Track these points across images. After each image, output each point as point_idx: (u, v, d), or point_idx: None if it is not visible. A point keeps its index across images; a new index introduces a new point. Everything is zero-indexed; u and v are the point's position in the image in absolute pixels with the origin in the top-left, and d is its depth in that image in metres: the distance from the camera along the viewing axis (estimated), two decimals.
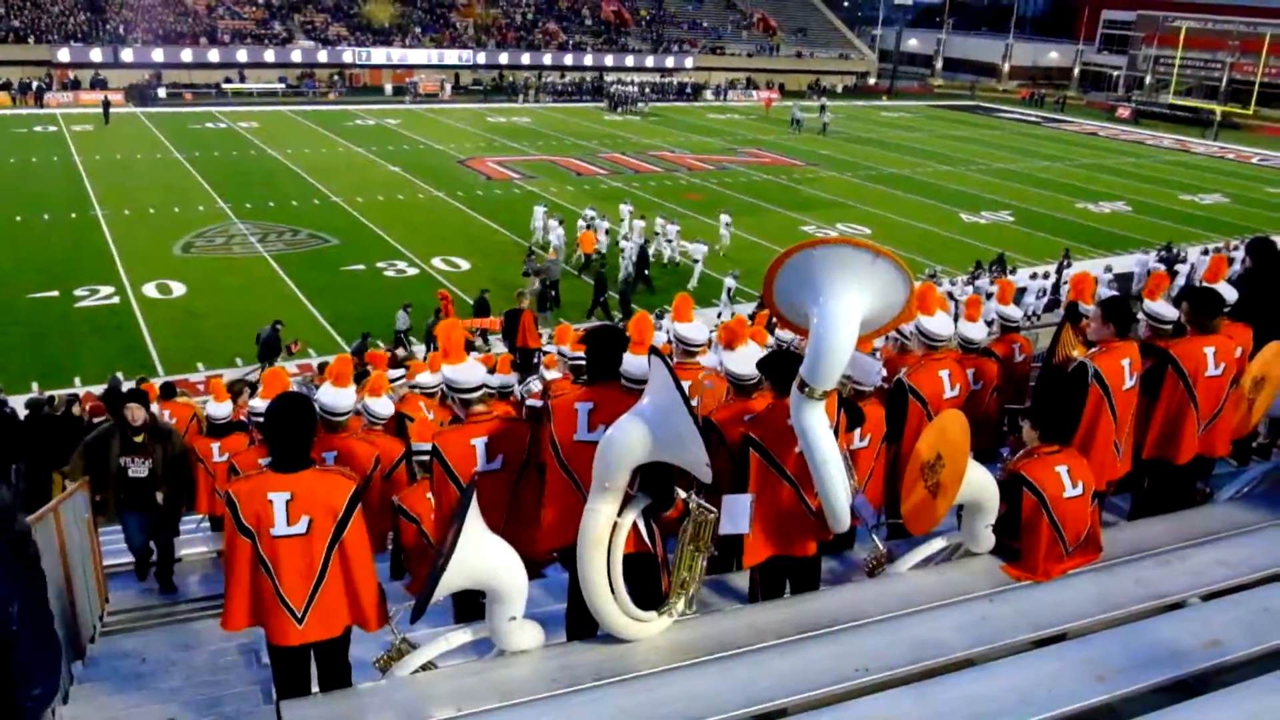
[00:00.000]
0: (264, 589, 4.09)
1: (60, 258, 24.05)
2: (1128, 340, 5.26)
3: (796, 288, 3.99)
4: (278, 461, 4.12)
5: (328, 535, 4.08)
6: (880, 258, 3.85)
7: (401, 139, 43.66)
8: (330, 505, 4.08)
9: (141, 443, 7.61)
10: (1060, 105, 71.42)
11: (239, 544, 4.06)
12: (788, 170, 40.34)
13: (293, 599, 4.08)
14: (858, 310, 3.89)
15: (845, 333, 3.89)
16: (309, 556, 4.07)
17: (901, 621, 4.37)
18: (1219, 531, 5.23)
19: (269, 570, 4.05)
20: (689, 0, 76.95)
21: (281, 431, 4.12)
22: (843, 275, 3.85)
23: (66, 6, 54.56)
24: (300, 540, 4.05)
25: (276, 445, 4.14)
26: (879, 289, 3.90)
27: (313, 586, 4.09)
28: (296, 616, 4.10)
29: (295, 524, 4.03)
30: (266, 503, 4.02)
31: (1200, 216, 35.38)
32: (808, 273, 3.91)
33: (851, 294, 3.86)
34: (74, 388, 16.17)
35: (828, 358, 3.91)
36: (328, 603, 4.14)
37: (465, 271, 24.56)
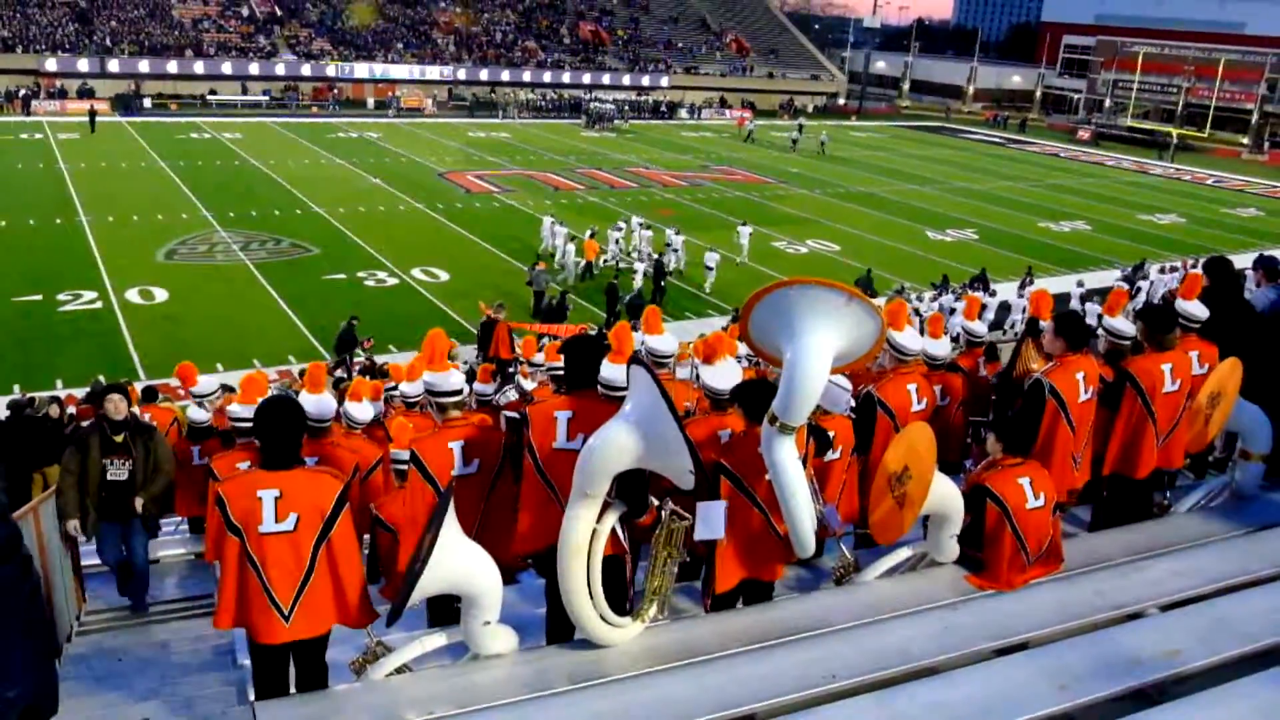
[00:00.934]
0: (251, 586, 4.13)
1: (44, 263, 24.00)
2: (1083, 354, 5.39)
3: (772, 323, 4.08)
4: (268, 460, 4.18)
5: (315, 533, 4.14)
6: (854, 299, 3.97)
7: (383, 152, 43.71)
8: (318, 504, 4.16)
9: (122, 442, 7.22)
10: (1022, 127, 72.54)
11: (228, 542, 4.12)
12: (760, 187, 40.69)
13: (280, 596, 4.13)
14: (830, 348, 3.99)
15: (817, 370, 3.98)
16: (297, 554, 4.13)
17: (868, 629, 4.44)
18: (1177, 543, 5.33)
19: (257, 568, 4.11)
20: (665, 21, 77.52)
21: (273, 430, 4.19)
22: (817, 314, 3.94)
23: (55, 17, 54.37)
24: (288, 537, 4.11)
25: (267, 444, 4.21)
26: (850, 328, 4.00)
27: (300, 584, 4.15)
28: (283, 614, 4.14)
29: (283, 521, 4.10)
30: (255, 500, 4.09)
31: (1158, 236, 36.07)
32: (783, 310, 4.00)
33: (824, 333, 3.95)
34: (55, 390, 16.11)
35: (800, 394, 4.00)
36: (314, 601, 4.19)
37: (444, 282, 24.61)
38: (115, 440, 7.18)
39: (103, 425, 7.19)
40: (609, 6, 76.23)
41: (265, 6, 62.34)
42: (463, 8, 68.63)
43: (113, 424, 7.14)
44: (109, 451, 7.15)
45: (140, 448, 7.19)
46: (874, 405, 5.67)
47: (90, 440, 7.16)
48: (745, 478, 4.55)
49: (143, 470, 7.21)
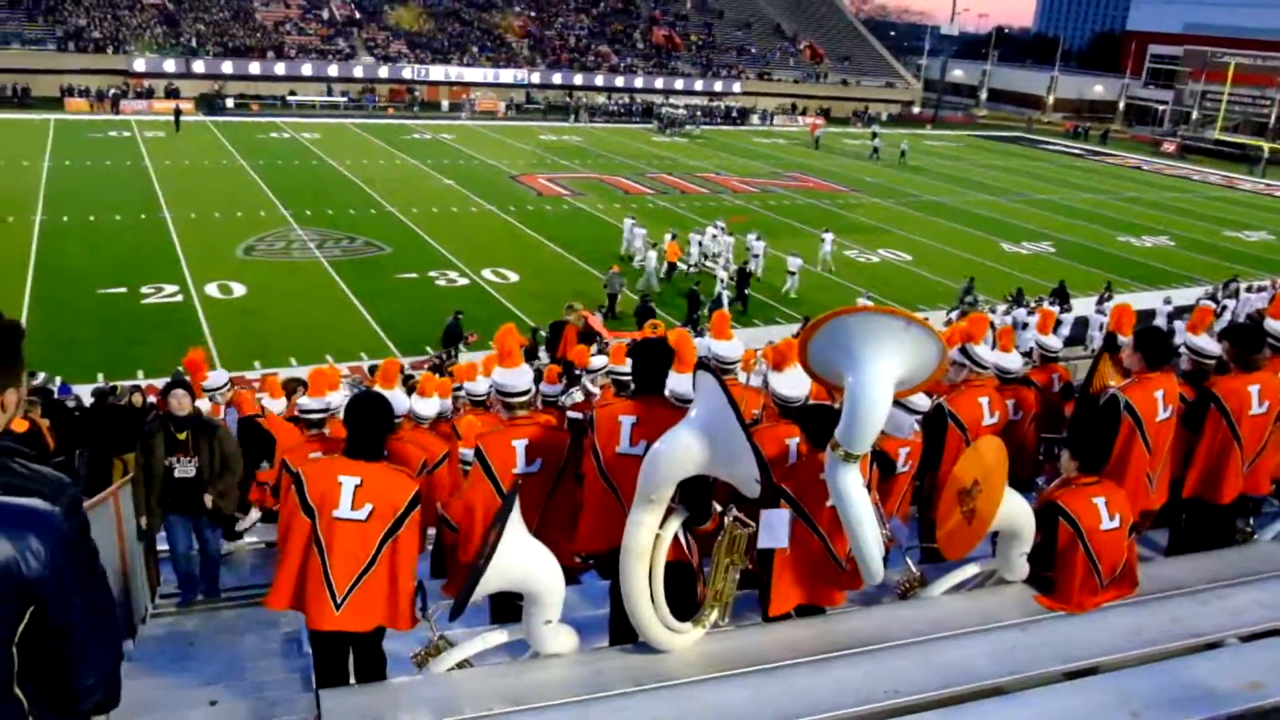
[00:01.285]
0: (312, 569, 4.21)
1: (129, 256, 24.80)
2: (1164, 372, 5.23)
3: (831, 352, 4.03)
4: (353, 449, 4.27)
5: (384, 527, 4.21)
6: (911, 324, 3.91)
7: (456, 154, 44.28)
8: (393, 500, 4.23)
9: (185, 440, 7.11)
10: (1105, 138, 70.80)
11: (298, 522, 4.20)
12: (831, 195, 40.36)
13: (338, 582, 4.19)
14: (892, 375, 3.92)
15: (880, 398, 3.92)
16: (364, 544, 4.20)
17: (933, 645, 4.35)
18: (1261, 572, 5.14)
19: (322, 550, 4.18)
20: (738, 27, 77.34)
21: (363, 422, 4.28)
22: (877, 342, 3.88)
23: (144, 19, 56.13)
24: (358, 526, 4.19)
25: (356, 433, 4.29)
26: (911, 354, 3.93)
27: (359, 573, 4.21)
28: (335, 601, 4.20)
29: (358, 509, 4.18)
30: (335, 484, 4.18)
31: (1246, 254, 34.87)
32: (843, 339, 3.94)
33: (885, 359, 3.88)
34: (137, 380, 16.61)
35: (863, 423, 3.94)
36: (367, 594, 4.24)
37: (514, 283, 24.85)
38: (179, 438, 7.12)
39: (166, 423, 7.12)
40: (683, 11, 76.34)
41: (345, 10, 63.63)
42: (535, 10, 69.25)
43: (176, 421, 7.08)
44: (174, 449, 7.09)
45: (205, 445, 7.12)
46: (945, 417, 5.58)
47: (154, 439, 7.08)
48: (806, 503, 4.49)
49: (209, 468, 7.15)
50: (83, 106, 48.90)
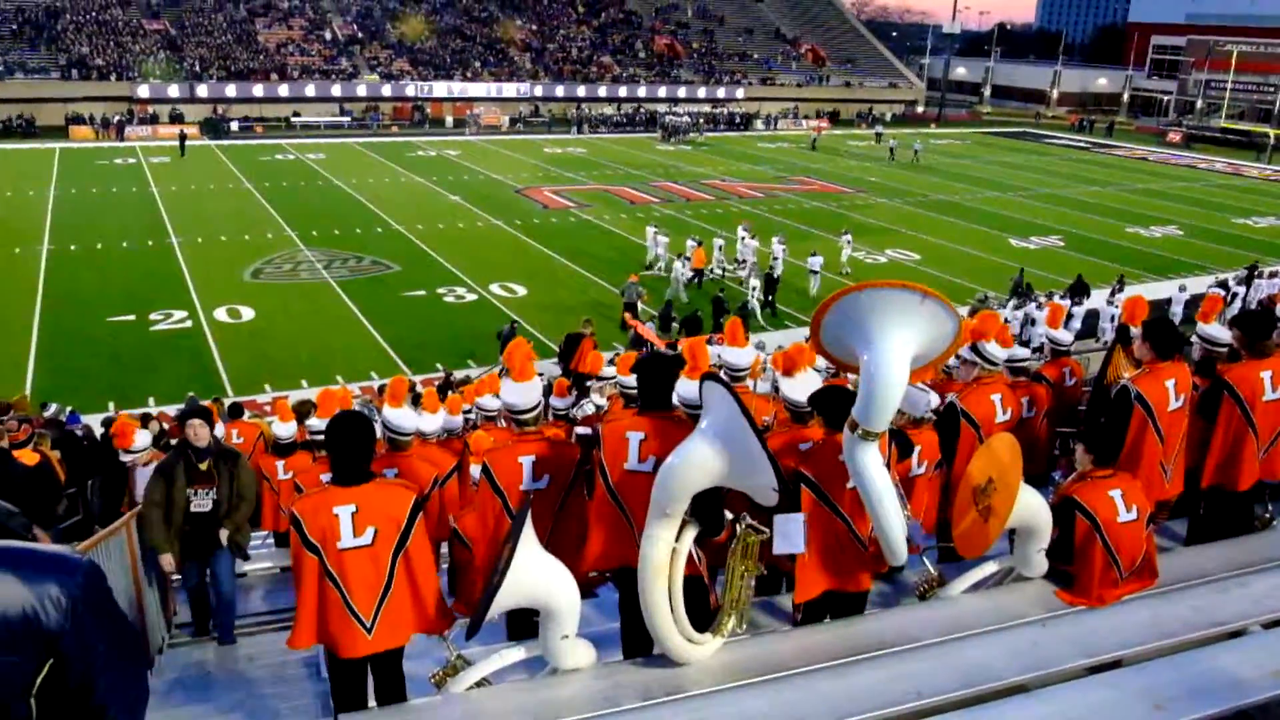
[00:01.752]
0: (332, 602, 4.17)
1: (137, 283, 24.88)
2: (1175, 361, 5.20)
3: (846, 329, 4.00)
4: (339, 476, 4.22)
5: (392, 545, 4.19)
6: (928, 298, 3.87)
7: (461, 169, 44.42)
8: (393, 516, 4.19)
9: (207, 470, 6.83)
10: (1110, 130, 70.65)
11: (306, 560, 4.16)
12: (837, 197, 40.35)
13: (362, 610, 4.17)
14: (908, 350, 3.90)
15: (897, 373, 3.89)
16: (376, 567, 4.17)
17: (953, 646, 4.32)
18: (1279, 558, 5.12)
19: (337, 583, 4.15)
20: (739, 33, 77.43)
21: (342, 446, 4.23)
22: (892, 316, 3.85)
23: (147, 45, 56.54)
24: (367, 551, 4.15)
25: (338, 460, 4.25)
26: (927, 327, 3.91)
27: (380, 596, 4.19)
28: (366, 627, 4.19)
29: (361, 535, 4.14)
30: (332, 517, 4.12)
31: (1255, 240, 34.75)
32: (857, 315, 3.92)
33: (901, 334, 3.86)
34: (148, 408, 16.65)
35: (880, 399, 3.91)
36: (395, 611, 4.23)
37: (522, 297, 24.87)
38: (200, 468, 6.83)
39: (187, 453, 6.83)
40: (683, 20, 76.49)
41: (347, 29, 63.99)
42: (536, 23, 69.52)
43: (197, 451, 6.80)
44: (194, 480, 6.80)
45: (224, 475, 6.86)
46: (957, 416, 5.55)
47: (175, 470, 6.79)
48: (827, 487, 4.47)
49: (227, 499, 6.88)
50: (88, 134, 49.27)
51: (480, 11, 69.85)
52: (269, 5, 63.70)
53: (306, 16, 64.10)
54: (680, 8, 77.59)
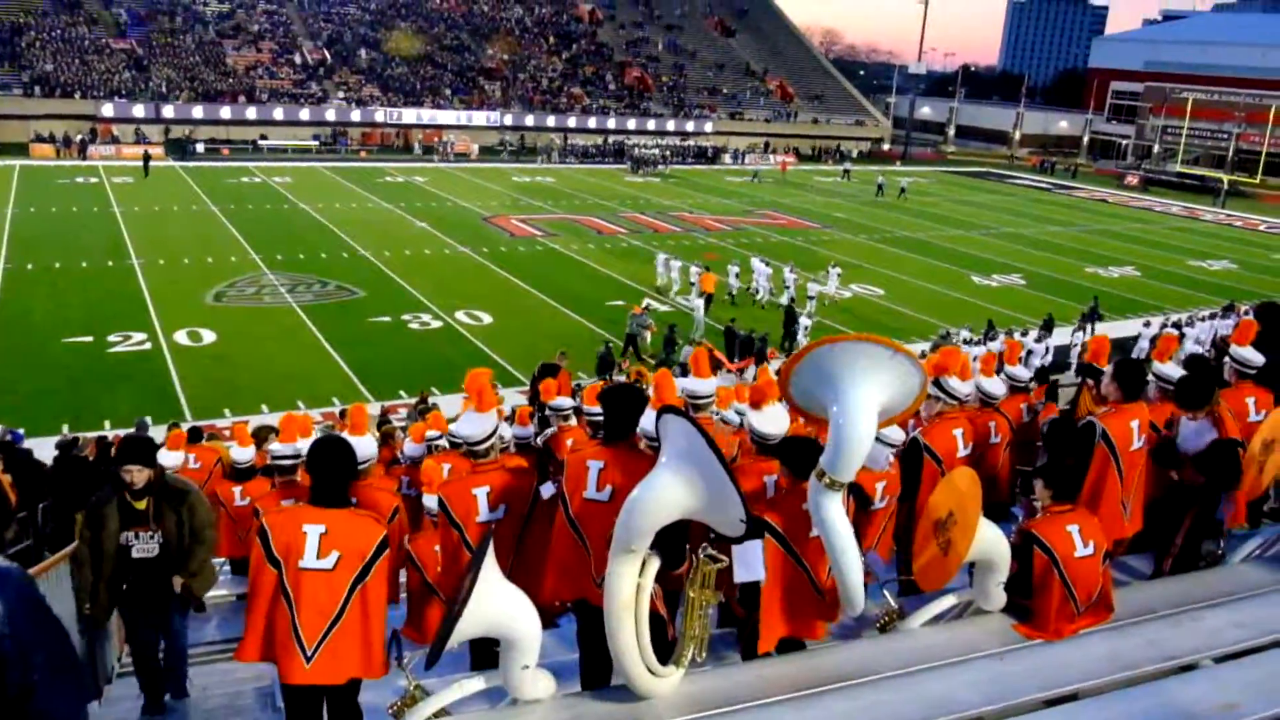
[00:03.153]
0: (280, 621, 4.14)
1: (96, 304, 24.56)
2: (1138, 402, 5.30)
3: (815, 381, 4.04)
4: (317, 496, 4.23)
5: (352, 574, 4.17)
6: (898, 353, 3.94)
7: (429, 196, 44.40)
8: (359, 546, 4.19)
9: (145, 510, 5.70)
10: (1074, 174, 72.04)
11: (265, 574, 4.13)
12: (804, 232, 40.79)
13: (307, 635, 4.13)
14: (876, 403, 3.96)
15: (865, 426, 3.95)
16: (332, 593, 4.15)
17: (913, 678, 4.34)
18: (1232, 593, 5.18)
19: (290, 602, 4.11)
20: (710, 67, 78.33)
21: (325, 468, 4.24)
22: (861, 370, 3.91)
23: (112, 64, 56.14)
24: (326, 575, 4.13)
25: (319, 481, 4.25)
26: (894, 381, 3.97)
27: (329, 624, 4.15)
28: (306, 654, 4.14)
29: (324, 558, 4.12)
30: (300, 534, 4.12)
31: (1209, 282, 35.55)
32: (828, 367, 3.97)
33: (869, 387, 3.92)
34: (104, 431, 16.38)
35: (849, 451, 3.96)
36: (338, 645, 4.18)
37: (488, 325, 24.83)
38: (137, 508, 5.69)
39: (121, 489, 5.68)
40: (654, 53, 77.24)
41: (316, 54, 63.96)
42: (508, 50, 69.93)
43: (132, 490, 5.69)
44: (131, 522, 5.69)
45: (172, 515, 5.77)
46: (920, 450, 5.61)
47: (105, 511, 5.67)
48: (790, 536, 4.50)
49: (176, 542, 5.79)
50: (48, 152, 48.67)
51: (451, 40, 70.12)
52: (239, 28, 63.58)
53: (276, 40, 64.02)
54: (651, 41, 78.39)
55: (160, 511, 5.75)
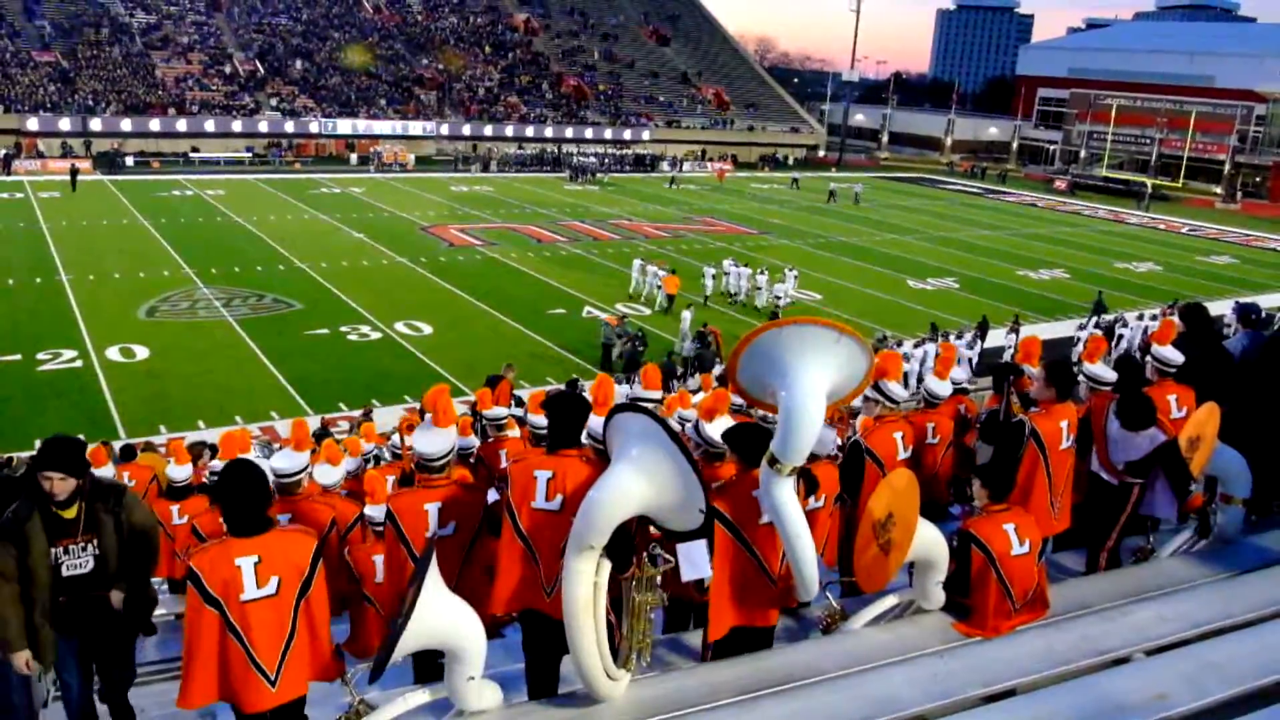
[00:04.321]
0: (233, 658, 4.06)
1: (23, 322, 23.89)
2: (1067, 403, 5.45)
3: (764, 366, 4.07)
4: (237, 527, 4.12)
5: (295, 593, 4.13)
6: (844, 335, 3.99)
7: (366, 207, 43.94)
8: (296, 563, 4.14)
9: (75, 519, 4.89)
10: (1003, 178, 73.69)
11: (206, 616, 4.03)
12: (741, 238, 41.11)
13: (265, 662, 4.09)
14: (824, 386, 4.00)
15: (815, 409, 3.99)
16: (279, 617, 4.10)
17: (857, 678, 4.41)
18: (1161, 588, 5.35)
19: (240, 637, 4.04)
20: (646, 75, 78.72)
21: (238, 497, 4.14)
22: (809, 353, 3.95)
23: (37, 77, 54.71)
24: (270, 601, 4.08)
25: (234, 512, 4.14)
26: (842, 364, 4.03)
27: (284, 646, 4.12)
28: (270, 679, 4.10)
29: (265, 586, 4.07)
30: (234, 569, 4.03)
31: (1135, 283, 36.53)
32: (776, 351, 4.00)
33: (818, 371, 3.96)
34: (33, 450, 15.94)
35: (798, 434, 3.99)
36: (296, 661, 4.16)
37: (427, 335, 24.62)
38: (64, 517, 4.88)
39: (44, 500, 4.84)
40: (590, 62, 77.38)
41: (248, 65, 62.98)
42: (445, 62, 69.55)
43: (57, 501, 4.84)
44: (59, 534, 4.88)
45: (108, 520, 4.99)
46: (862, 454, 5.70)
47: (29, 527, 4.79)
48: (740, 524, 4.53)
49: (115, 550, 5.01)
50: None
51: (385, 49, 69.53)
52: (167, 39, 62.37)
53: (206, 51, 62.93)
54: (587, 50, 78.52)
55: (94, 518, 4.92)
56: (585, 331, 25.57)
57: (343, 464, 6.75)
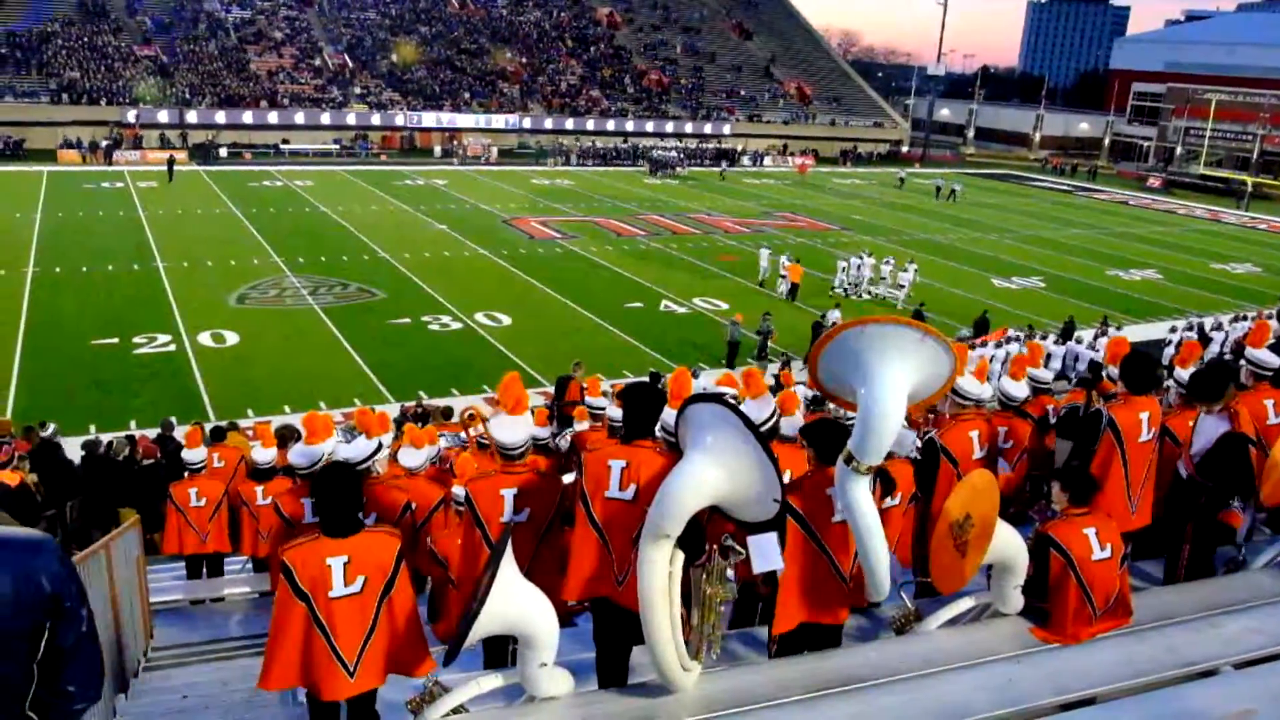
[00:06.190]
0: (316, 648, 4.24)
1: (121, 307, 24.80)
2: (1150, 396, 5.28)
3: (843, 363, 4.05)
4: (330, 528, 4.29)
5: (379, 591, 4.28)
6: (928, 336, 3.94)
7: (449, 199, 44.57)
8: (382, 564, 4.30)
9: None
10: (1093, 175, 71.60)
11: (294, 608, 4.21)
12: (822, 234, 40.68)
13: (346, 654, 4.25)
14: (905, 386, 3.96)
15: (894, 409, 3.96)
16: (364, 613, 4.26)
17: (928, 681, 4.34)
18: (1252, 600, 5.15)
19: (324, 630, 4.22)
20: (728, 69, 78.25)
21: (332, 500, 4.31)
22: (891, 353, 3.92)
23: (137, 71, 56.66)
24: (356, 599, 4.24)
25: (329, 513, 4.32)
26: (924, 365, 3.98)
27: (364, 640, 4.27)
28: (349, 670, 4.26)
29: (351, 584, 4.23)
30: (325, 567, 4.20)
31: (1232, 285, 35.28)
32: (857, 349, 3.97)
33: (899, 371, 3.92)
34: (129, 430, 16.56)
35: (877, 434, 3.97)
36: (376, 654, 4.31)
37: (507, 326, 24.91)
38: None
39: None
40: (672, 55, 77.25)
41: (337, 59, 64.31)
42: (525, 55, 70.15)
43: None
44: None
45: None
46: (936, 452, 5.61)
47: None
48: (813, 520, 4.51)
49: None
50: (74, 159, 49.12)
51: (470, 43, 70.38)
52: (260, 34, 64.00)
53: (298, 45, 64.40)
54: (669, 44, 78.42)
55: None
56: (662, 325, 25.63)
57: (426, 447, 6.88)
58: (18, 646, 2.52)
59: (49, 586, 2.55)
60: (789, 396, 5.63)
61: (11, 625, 2.50)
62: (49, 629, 2.58)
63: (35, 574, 2.53)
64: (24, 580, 2.50)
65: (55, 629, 2.59)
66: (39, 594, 2.53)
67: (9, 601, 2.48)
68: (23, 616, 2.51)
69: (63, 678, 2.63)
